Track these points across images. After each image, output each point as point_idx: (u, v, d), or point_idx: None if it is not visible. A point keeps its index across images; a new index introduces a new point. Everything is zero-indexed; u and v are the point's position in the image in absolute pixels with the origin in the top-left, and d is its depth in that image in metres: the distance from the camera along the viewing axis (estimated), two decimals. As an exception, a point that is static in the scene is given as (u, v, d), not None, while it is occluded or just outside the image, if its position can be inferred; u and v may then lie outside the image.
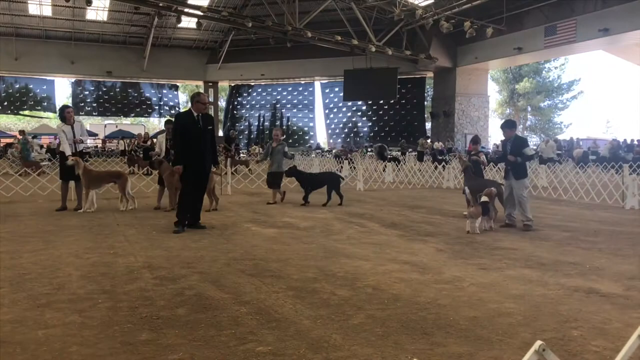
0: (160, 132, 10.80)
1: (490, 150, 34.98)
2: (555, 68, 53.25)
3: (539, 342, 1.74)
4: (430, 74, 40.72)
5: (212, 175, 10.78)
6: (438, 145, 29.08)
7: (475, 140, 11.59)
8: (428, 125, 44.19)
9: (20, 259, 5.95)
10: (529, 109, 55.37)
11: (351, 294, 4.66)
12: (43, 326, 3.76)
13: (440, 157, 22.12)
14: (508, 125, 9.14)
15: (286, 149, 12.17)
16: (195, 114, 8.06)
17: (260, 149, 40.54)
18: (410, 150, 33.45)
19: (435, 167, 17.90)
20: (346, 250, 6.58)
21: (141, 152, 23.07)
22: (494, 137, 43.94)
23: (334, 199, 11.64)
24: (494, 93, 54.24)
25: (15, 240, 7.14)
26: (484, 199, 8.32)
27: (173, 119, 12.10)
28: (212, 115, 10.52)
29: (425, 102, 44.19)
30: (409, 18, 33.54)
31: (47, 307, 4.19)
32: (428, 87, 44.66)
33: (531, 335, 3.69)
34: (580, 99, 67.76)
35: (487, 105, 40.38)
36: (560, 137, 43.46)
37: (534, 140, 54.94)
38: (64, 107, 10.75)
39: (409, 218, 9.66)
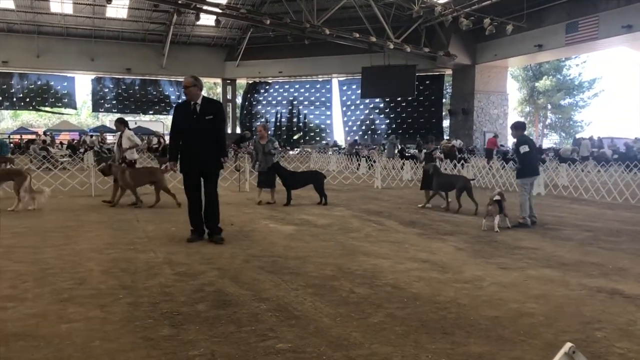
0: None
1: (509, 149, 34.62)
2: (577, 65, 52.50)
3: (568, 344, 1.71)
4: (449, 71, 40.40)
5: (163, 174, 10.74)
6: (457, 143, 28.82)
7: (428, 140, 12.89)
8: (446, 122, 43.87)
9: (42, 254, 6.03)
10: (549, 106, 54.67)
11: (370, 292, 4.65)
12: (66, 320, 3.80)
13: (459, 156, 21.95)
14: (514, 126, 9.48)
15: (276, 144, 11.54)
16: (192, 102, 6.92)
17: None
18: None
19: (455, 165, 17.75)
20: (364, 248, 6.56)
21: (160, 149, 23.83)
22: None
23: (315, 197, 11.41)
24: (514, 91, 53.67)
25: (38, 235, 7.24)
26: (496, 197, 8.34)
27: (121, 118, 11.61)
28: (219, 101, 9.09)
29: (444, 100, 43.87)
30: (427, 15, 33.31)
31: (70, 302, 4.24)
32: (447, 84, 44.31)
33: (553, 336, 3.65)
34: (602, 97, 66.72)
35: (507, 103, 39.94)
36: (578, 135, 42.83)
37: (553, 139, 54.39)
38: None
39: (428, 216, 9.60)
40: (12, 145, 32.22)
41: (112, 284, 4.79)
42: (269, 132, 12.68)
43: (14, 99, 43.83)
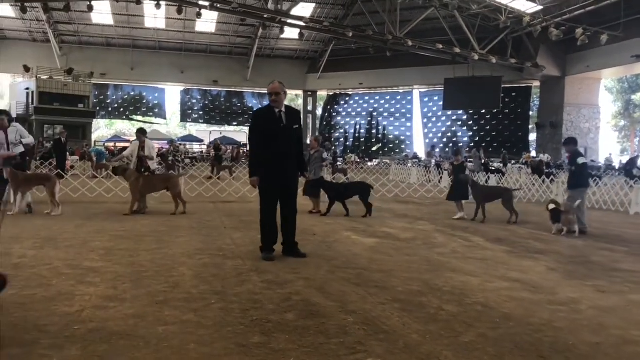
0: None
1: (602, 164, 32.97)
2: (679, 77, 49.09)
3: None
4: (536, 83, 38.99)
5: (178, 180, 11.16)
6: (544, 157, 27.68)
7: (457, 152, 12.81)
8: (532, 136, 42.27)
9: (138, 257, 6.34)
10: (647, 121, 51.43)
11: (460, 310, 4.52)
12: (162, 323, 3.96)
13: (547, 170, 21.03)
14: (565, 143, 10.52)
15: (325, 155, 11.86)
16: (276, 110, 6.43)
17: (357, 158, 40.65)
18: (513, 162, 32.12)
19: (543, 181, 17.04)
20: (451, 265, 6.40)
21: (213, 157, 24.99)
22: (606, 150, 41.23)
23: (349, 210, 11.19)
24: (607, 103, 50.88)
25: (133, 239, 7.62)
26: (551, 206, 9.35)
27: (143, 128, 11.98)
28: (298, 110, 7.97)
29: (531, 112, 42.31)
30: (515, 25, 32.36)
31: (165, 305, 4.41)
32: (534, 96, 42.72)
33: (664, 368, 3.39)
34: None
35: (599, 117, 37.97)
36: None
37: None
38: None
39: (516, 233, 9.25)
40: (107, 152, 34.21)
41: (204, 289, 4.95)
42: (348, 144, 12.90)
43: (110, 109, 46.76)
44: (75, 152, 30.12)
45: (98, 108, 44.36)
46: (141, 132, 11.66)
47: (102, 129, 71.41)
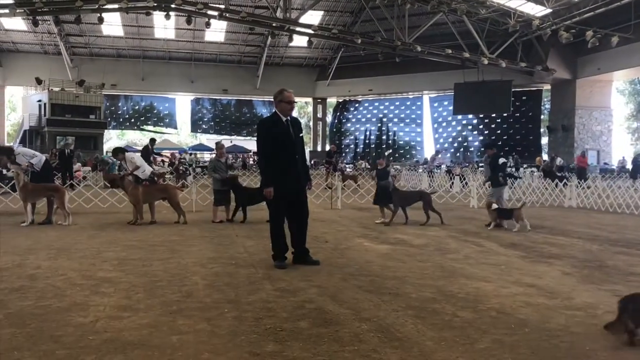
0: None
1: (615, 167, 32.73)
2: (692, 77, 48.57)
3: None
4: (547, 86, 38.82)
5: (175, 190, 11.19)
6: (557, 161, 27.39)
7: (380, 157, 14.36)
8: (544, 140, 42.02)
9: (151, 266, 6.36)
10: (659, 122, 50.95)
11: (474, 316, 4.48)
12: (176, 332, 3.96)
13: (560, 174, 20.84)
14: (486, 147, 12.90)
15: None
16: (283, 119, 6.46)
17: (367, 164, 40.59)
18: (525, 166, 31.90)
19: (556, 185, 16.90)
20: (464, 271, 6.35)
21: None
22: (619, 152, 40.87)
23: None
24: (620, 106, 50.45)
25: (146, 248, 7.65)
26: (494, 206, 10.30)
27: (118, 148, 12.19)
28: (298, 118, 7.54)
29: (542, 116, 42.08)
30: (524, 29, 32.26)
31: (179, 314, 4.42)
32: (545, 99, 42.49)
33: (685, 373, 3.33)
34: None
35: (611, 119, 37.68)
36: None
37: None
38: None
39: (530, 238, 9.17)
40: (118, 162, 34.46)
41: (217, 297, 4.95)
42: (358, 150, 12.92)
43: (121, 120, 47.17)
44: (87, 162, 30.33)
45: (109, 119, 44.73)
46: (115, 153, 11.91)
47: (114, 140, 71.99)
